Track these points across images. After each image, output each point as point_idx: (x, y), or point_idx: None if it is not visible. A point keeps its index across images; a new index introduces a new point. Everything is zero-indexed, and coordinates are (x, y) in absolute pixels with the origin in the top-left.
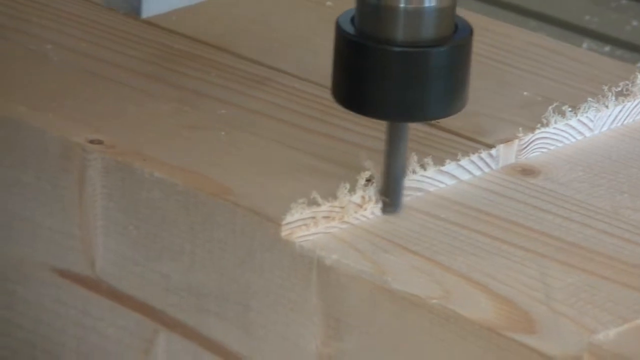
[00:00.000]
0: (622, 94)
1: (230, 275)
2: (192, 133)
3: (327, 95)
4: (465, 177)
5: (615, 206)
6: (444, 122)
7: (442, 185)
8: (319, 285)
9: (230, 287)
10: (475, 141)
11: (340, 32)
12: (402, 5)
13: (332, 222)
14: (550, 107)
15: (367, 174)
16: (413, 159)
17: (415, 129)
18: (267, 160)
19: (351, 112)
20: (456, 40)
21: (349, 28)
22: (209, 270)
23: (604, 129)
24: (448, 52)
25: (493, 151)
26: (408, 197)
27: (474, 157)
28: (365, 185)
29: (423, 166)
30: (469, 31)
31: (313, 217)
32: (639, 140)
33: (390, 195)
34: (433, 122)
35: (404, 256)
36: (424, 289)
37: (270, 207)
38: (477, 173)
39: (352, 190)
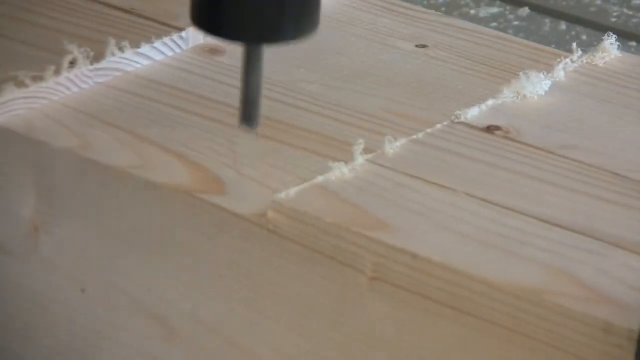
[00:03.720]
0: None
1: None
2: None
3: None
4: (159, 57)
5: (293, 80)
6: (139, 8)
7: (138, 66)
8: (31, 158)
9: None
10: (168, 25)
11: None
12: None
13: (41, 101)
14: None
15: (70, 57)
16: (112, 42)
17: (112, 16)
18: None
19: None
20: None
21: None
22: None
23: None
24: None
25: (183, 34)
26: (109, 77)
27: (166, 40)
28: (70, 67)
29: (121, 49)
30: None
31: (24, 98)
32: None
33: (249, 112)
34: (130, 8)
35: (106, 130)
36: (125, 160)
37: None
38: (170, 54)
39: (58, 72)
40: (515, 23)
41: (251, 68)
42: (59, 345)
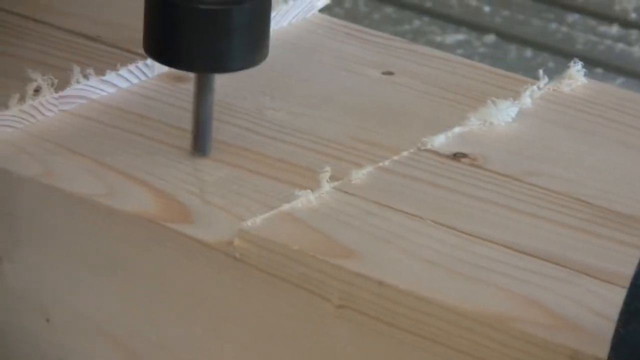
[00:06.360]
0: None
1: None
2: None
3: (10, 18)
4: (124, 85)
5: (258, 107)
6: (104, 35)
7: (103, 93)
8: None
9: None
10: (133, 52)
11: None
12: None
13: (5, 129)
14: None
15: (34, 85)
16: (76, 70)
17: (77, 43)
18: None
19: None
20: None
21: None
22: None
23: None
24: (249, 9)
25: (148, 61)
26: (74, 104)
27: (131, 67)
28: (34, 95)
29: (86, 76)
30: None
31: None
32: (277, 47)
33: (199, 139)
34: (95, 36)
35: (71, 158)
36: (89, 188)
37: None
38: (135, 81)
39: (22, 99)
40: (481, 50)
41: (202, 96)
42: None
